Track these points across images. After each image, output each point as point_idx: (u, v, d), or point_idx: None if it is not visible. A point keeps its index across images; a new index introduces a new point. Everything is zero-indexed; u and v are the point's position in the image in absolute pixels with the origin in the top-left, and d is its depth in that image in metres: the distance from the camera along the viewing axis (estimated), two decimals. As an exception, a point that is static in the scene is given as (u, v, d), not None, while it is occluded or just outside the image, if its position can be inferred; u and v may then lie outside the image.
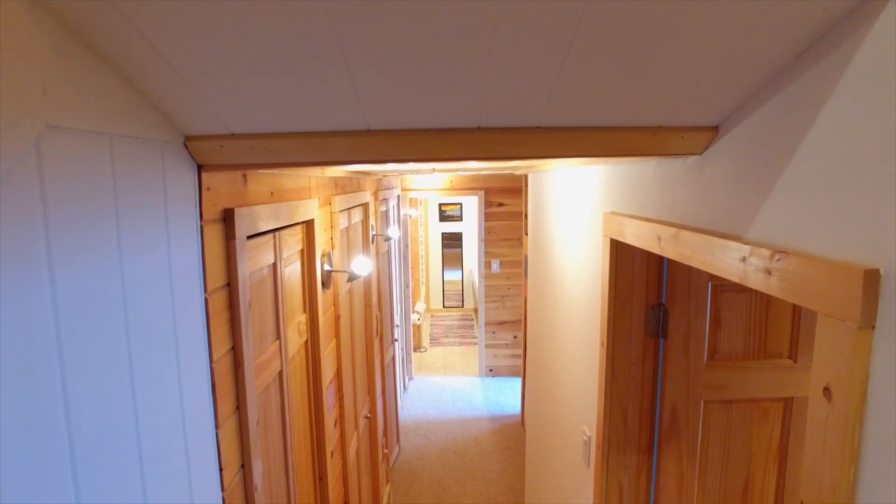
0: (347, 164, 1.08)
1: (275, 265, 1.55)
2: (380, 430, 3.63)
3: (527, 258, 3.88)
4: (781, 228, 0.82)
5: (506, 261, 6.12)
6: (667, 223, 1.21)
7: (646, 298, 1.61)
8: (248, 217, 1.25)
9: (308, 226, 1.89)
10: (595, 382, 1.83)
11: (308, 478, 1.95)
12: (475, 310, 9.42)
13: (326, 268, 2.15)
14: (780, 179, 0.82)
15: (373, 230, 3.41)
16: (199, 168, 1.02)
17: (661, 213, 1.26)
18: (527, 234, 3.88)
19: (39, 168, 0.62)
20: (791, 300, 0.76)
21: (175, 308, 0.94)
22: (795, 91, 0.79)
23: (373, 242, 3.39)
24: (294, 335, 1.76)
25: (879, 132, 0.64)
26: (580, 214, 2.08)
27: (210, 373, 1.08)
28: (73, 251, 0.67)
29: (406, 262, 6.19)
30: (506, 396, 5.90)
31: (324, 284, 2.10)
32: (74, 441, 0.67)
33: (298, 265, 1.84)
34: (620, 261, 1.59)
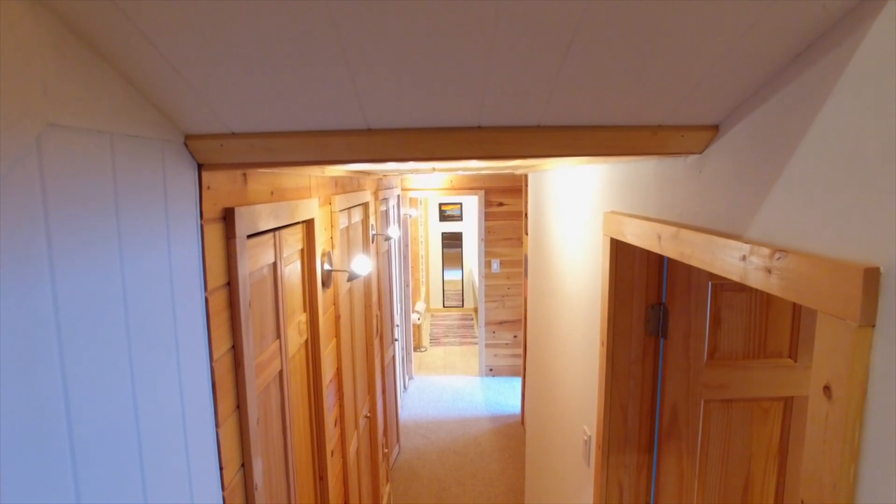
0: (348, 164, 1.08)
1: (275, 264, 1.55)
2: (380, 430, 3.63)
3: (527, 258, 3.88)
4: (781, 227, 0.82)
5: (506, 260, 6.13)
6: (667, 222, 1.21)
7: (646, 298, 1.61)
8: (249, 216, 1.25)
9: (308, 225, 1.89)
10: (595, 382, 1.83)
11: (308, 477, 1.96)
12: (475, 309, 9.42)
13: (326, 267, 2.15)
14: (781, 178, 0.83)
15: (373, 230, 3.41)
16: (200, 167, 1.02)
17: (662, 212, 1.26)
18: (527, 234, 3.88)
19: (40, 166, 0.62)
20: (791, 299, 0.76)
21: (175, 307, 0.94)
22: (795, 90, 0.80)
23: (373, 242, 3.39)
24: (294, 334, 1.76)
25: (879, 131, 0.64)
26: (580, 214, 2.08)
27: (210, 372, 1.08)
28: (74, 250, 0.67)
29: (406, 262, 6.19)
30: (506, 396, 5.90)
31: (324, 284, 2.10)
32: (75, 440, 0.67)
33: (298, 264, 1.84)
34: (620, 260, 1.59)
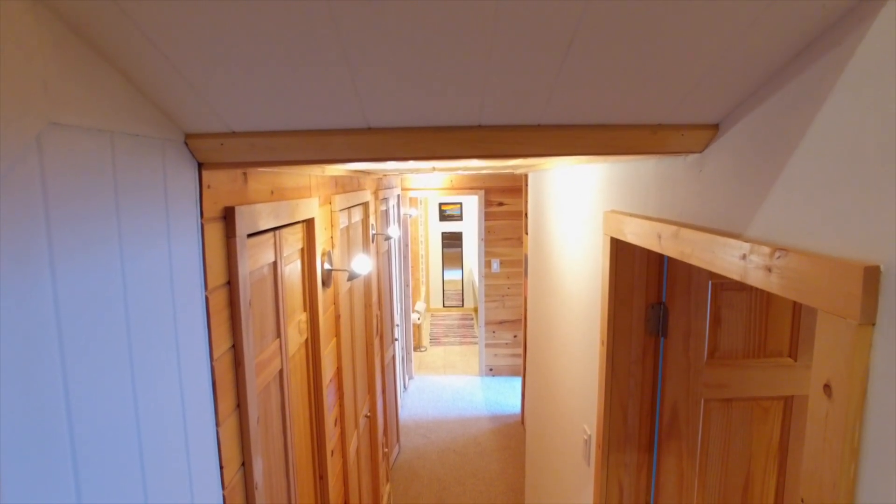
0: (348, 163, 1.08)
1: (275, 264, 1.55)
2: (380, 429, 3.63)
3: (527, 257, 3.88)
4: (782, 226, 0.82)
5: (506, 260, 6.12)
6: (667, 221, 1.21)
7: (646, 297, 1.61)
8: (249, 215, 1.25)
9: (308, 224, 1.89)
10: (595, 381, 1.83)
11: (308, 476, 1.96)
12: (475, 309, 9.43)
13: (326, 267, 2.15)
14: (781, 177, 0.83)
15: (373, 229, 3.42)
16: (200, 166, 1.03)
17: (662, 212, 1.26)
18: (527, 234, 3.88)
19: (41, 165, 0.62)
20: (791, 297, 0.76)
21: (176, 306, 0.94)
22: (795, 89, 0.80)
23: (373, 241, 3.39)
24: (294, 334, 1.76)
25: (879, 129, 0.64)
26: (580, 213, 2.08)
27: (210, 371, 1.08)
28: (75, 249, 0.67)
29: (406, 262, 6.19)
30: (506, 396, 5.90)
31: (324, 283, 2.10)
32: (75, 439, 0.67)
33: (299, 264, 1.84)
34: (621, 259, 1.59)
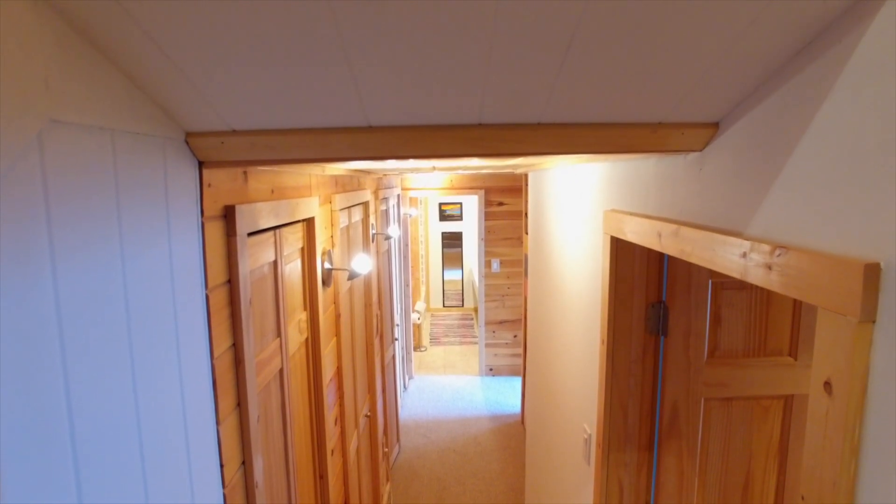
0: (349, 161, 1.08)
1: (275, 263, 1.55)
2: (380, 429, 3.63)
3: (527, 257, 3.88)
4: (782, 224, 0.82)
5: (506, 260, 6.12)
6: (667, 220, 1.21)
7: (646, 296, 1.61)
8: (249, 214, 1.25)
9: (308, 224, 1.89)
10: (595, 380, 1.83)
11: (308, 476, 1.96)
12: (475, 309, 9.43)
13: (327, 266, 2.15)
14: (781, 175, 0.83)
15: (373, 229, 3.42)
16: (201, 164, 1.03)
17: (662, 210, 1.26)
18: (527, 234, 3.88)
19: (42, 163, 0.62)
20: (791, 295, 0.76)
21: (176, 304, 0.95)
22: (795, 87, 0.80)
23: (373, 241, 3.39)
24: (294, 333, 1.76)
25: (879, 127, 0.64)
26: (580, 212, 2.08)
27: (211, 369, 1.08)
28: (76, 247, 0.67)
29: (406, 262, 6.19)
30: (506, 395, 5.90)
31: (324, 282, 2.11)
32: (76, 437, 0.67)
33: (299, 263, 1.84)
34: (621, 258, 1.59)
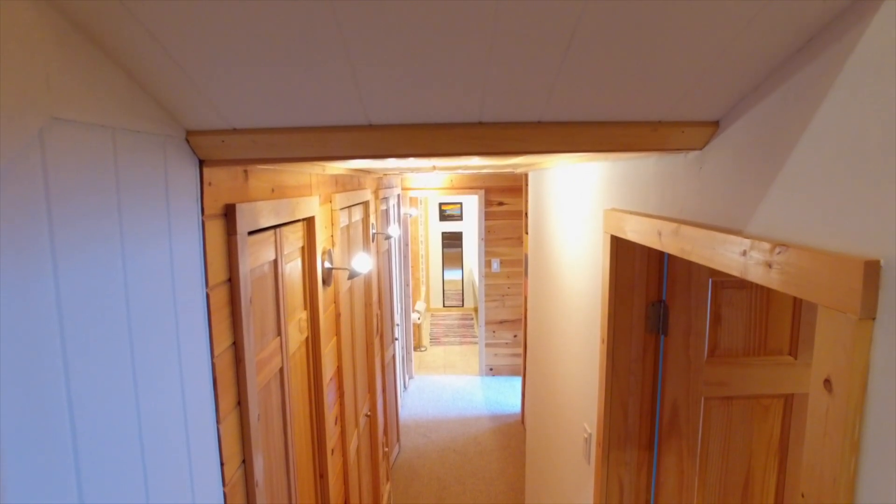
0: (349, 160, 1.08)
1: (276, 262, 1.55)
2: (380, 429, 3.63)
3: (527, 257, 3.88)
4: (782, 222, 0.82)
5: (506, 260, 6.13)
6: (667, 218, 1.21)
7: (646, 295, 1.61)
8: (250, 213, 1.25)
9: (309, 223, 1.89)
10: (595, 379, 1.83)
11: (309, 475, 1.96)
12: (475, 309, 9.43)
13: (327, 265, 2.15)
14: (781, 173, 0.83)
15: (373, 228, 3.42)
16: (201, 163, 1.03)
17: (662, 209, 1.26)
18: (527, 233, 3.88)
19: (43, 160, 0.62)
20: (792, 293, 0.76)
21: (176, 303, 0.95)
22: (796, 85, 0.80)
23: (373, 241, 3.39)
24: (295, 332, 1.76)
25: (879, 124, 0.64)
26: (580, 212, 2.08)
27: (211, 368, 1.08)
28: (77, 245, 0.68)
29: (406, 261, 6.19)
30: (506, 395, 5.91)
31: (324, 282, 2.11)
32: (77, 436, 0.67)
33: (299, 262, 1.84)
34: (621, 257, 1.59)
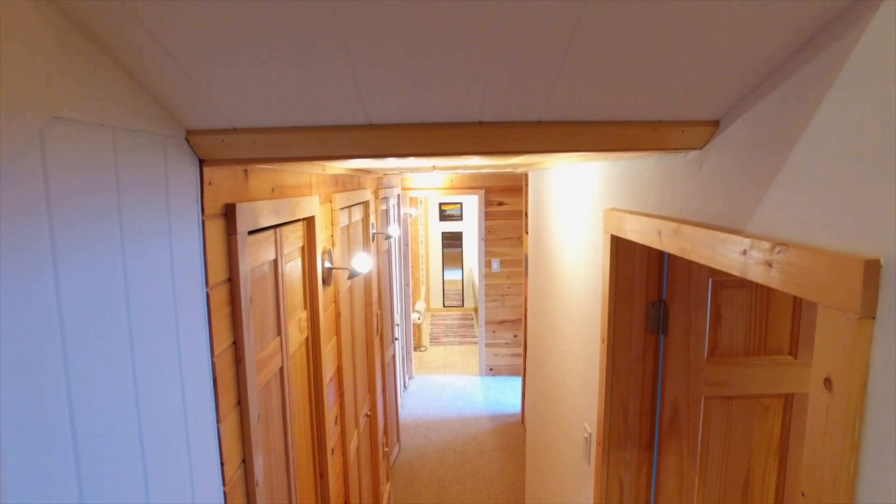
0: (349, 159, 1.08)
1: (276, 261, 1.55)
2: (380, 429, 3.63)
3: (527, 257, 3.88)
4: (782, 221, 0.82)
5: (506, 260, 6.13)
6: (667, 218, 1.21)
7: (646, 295, 1.61)
8: (250, 212, 1.25)
9: (309, 222, 1.89)
10: (595, 379, 1.83)
11: (309, 474, 1.96)
12: (475, 309, 9.42)
13: (327, 265, 2.15)
14: (781, 172, 0.83)
15: (373, 228, 3.42)
16: (201, 162, 1.03)
17: (662, 209, 1.26)
18: (527, 233, 3.88)
19: (43, 159, 0.62)
20: (792, 292, 0.76)
21: (177, 302, 0.95)
22: (796, 84, 0.80)
23: (373, 241, 3.39)
24: (295, 332, 1.76)
25: (879, 124, 0.64)
26: (580, 211, 2.08)
27: (211, 367, 1.08)
28: (77, 244, 0.68)
29: (406, 261, 6.19)
30: (506, 395, 5.90)
31: (324, 282, 2.11)
32: (77, 435, 0.67)
33: (299, 262, 1.84)
34: (621, 257, 1.59)
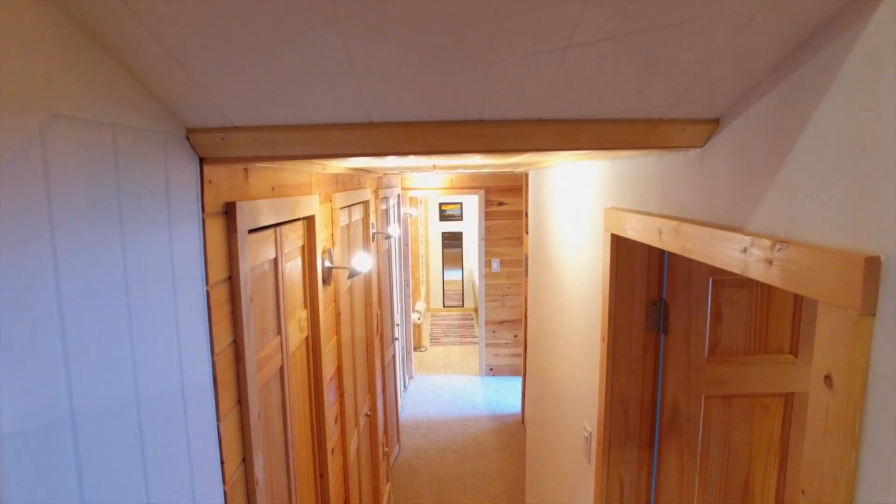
0: (349, 158, 1.08)
1: (276, 260, 1.55)
2: (380, 429, 3.63)
3: (527, 257, 3.88)
4: (782, 219, 0.82)
5: (506, 260, 6.13)
6: (668, 217, 1.21)
7: (646, 294, 1.61)
8: (250, 211, 1.25)
9: (309, 222, 1.89)
10: (596, 378, 1.83)
11: (309, 474, 1.96)
12: (475, 309, 9.42)
13: (327, 264, 2.15)
14: (781, 170, 0.83)
15: (373, 228, 3.42)
16: (202, 160, 1.03)
17: (662, 207, 1.26)
18: (527, 233, 3.88)
19: (44, 157, 0.62)
20: (792, 290, 0.76)
21: (177, 300, 0.95)
22: (796, 82, 0.80)
23: (373, 240, 3.39)
24: (295, 331, 1.76)
25: (879, 121, 0.64)
26: (581, 211, 2.08)
27: (212, 366, 1.08)
28: (77, 242, 0.67)
29: (406, 262, 6.19)
30: (506, 395, 5.90)
31: (324, 281, 2.11)
32: (78, 433, 0.67)
33: (299, 261, 1.84)
34: (621, 256, 1.59)
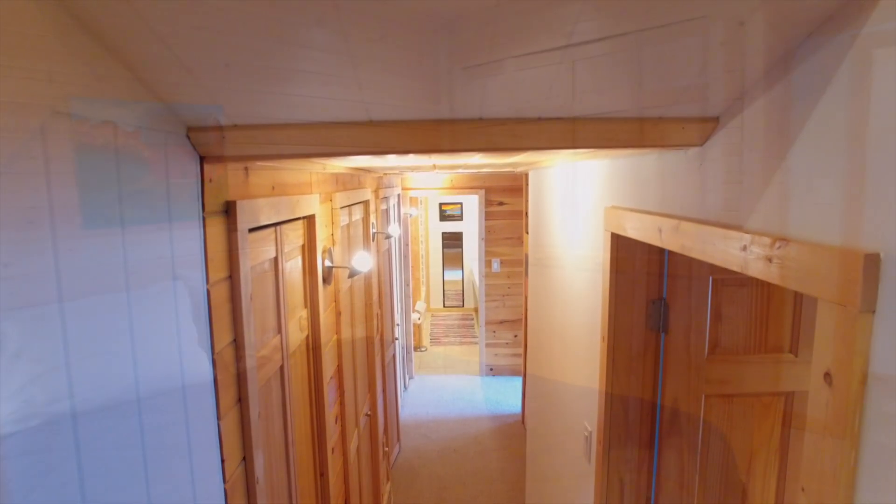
0: (349, 156, 1.08)
1: (276, 259, 1.55)
2: (380, 428, 3.63)
3: (527, 257, 3.88)
4: (782, 216, 0.82)
5: (506, 260, 6.13)
6: (668, 215, 1.21)
7: (647, 293, 1.61)
8: (250, 210, 1.25)
9: (309, 221, 1.90)
10: (596, 378, 1.83)
11: (309, 473, 1.96)
12: (475, 309, 9.42)
13: (327, 263, 2.15)
14: (781, 168, 0.83)
15: (373, 228, 3.42)
16: (202, 159, 1.03)
17: (662, 206, 1.27)
18: (527, 233, 3.88)
19: (44, 155, 0.62)
20: (792, 287, 0.76)
21: (177, 299, 0.95)
22: (795, 80, 0.80)
23: (373, 240, 3.39)
24: (295, 330, 1.76)
25: (878, 118, 0.65)
26: (581, 210, 2.08)
27: (212, 364, 1.08)
28: (77, 241, 0.68)
29: (406, 262, 6.19)
30: (506, 395, 5.90)
31: (325, 280, 2.11)
32: (79, 432, 0.67)
33: (299, 260, 1.84)
34: (621, 255, 1.59)
